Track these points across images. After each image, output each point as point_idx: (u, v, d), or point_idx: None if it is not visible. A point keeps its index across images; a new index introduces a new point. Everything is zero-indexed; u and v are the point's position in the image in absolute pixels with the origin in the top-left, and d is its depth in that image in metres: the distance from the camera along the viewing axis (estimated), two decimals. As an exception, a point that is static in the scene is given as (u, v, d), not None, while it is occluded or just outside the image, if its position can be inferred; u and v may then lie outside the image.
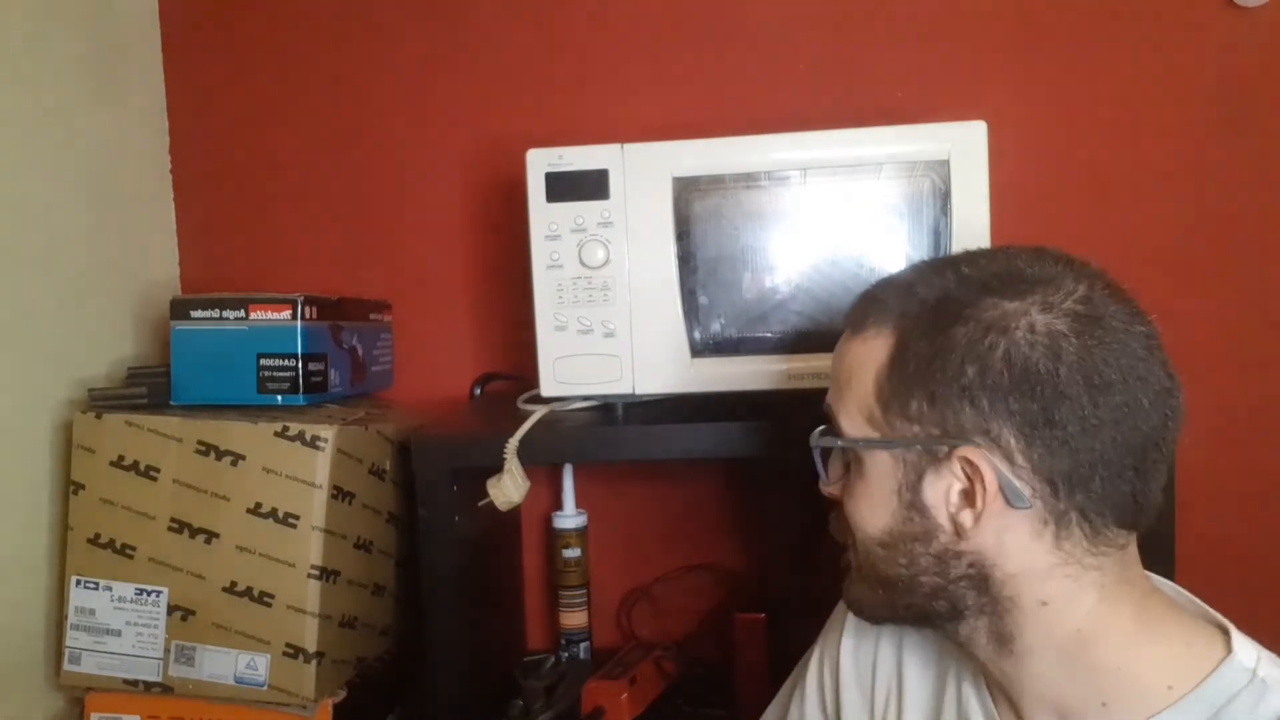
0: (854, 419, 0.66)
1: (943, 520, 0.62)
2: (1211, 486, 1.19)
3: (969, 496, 0.61)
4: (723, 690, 1.15)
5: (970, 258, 0.65)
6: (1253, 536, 1.23)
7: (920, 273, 0.66)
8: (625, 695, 1.08)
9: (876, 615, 0.70)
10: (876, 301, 0.66)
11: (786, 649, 0.99)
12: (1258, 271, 1.22)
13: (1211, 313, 1.22)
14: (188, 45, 1.35)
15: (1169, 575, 0.69)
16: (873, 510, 0.65)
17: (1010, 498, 0.59)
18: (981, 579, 0.62)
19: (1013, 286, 0.61)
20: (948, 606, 0.64)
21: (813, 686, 0.82)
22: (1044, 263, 0.62)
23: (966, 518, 0.61)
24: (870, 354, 0.65)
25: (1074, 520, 0.60)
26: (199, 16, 1.34)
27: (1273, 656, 0.61)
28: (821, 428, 0.70)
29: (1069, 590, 0.61)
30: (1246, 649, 0.61)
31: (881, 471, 0.64)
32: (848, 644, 0.79)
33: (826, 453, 0.70)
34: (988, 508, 0.60)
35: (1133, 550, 0.63)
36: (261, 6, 1.34)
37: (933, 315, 0.62)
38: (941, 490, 0.62)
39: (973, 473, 0.60)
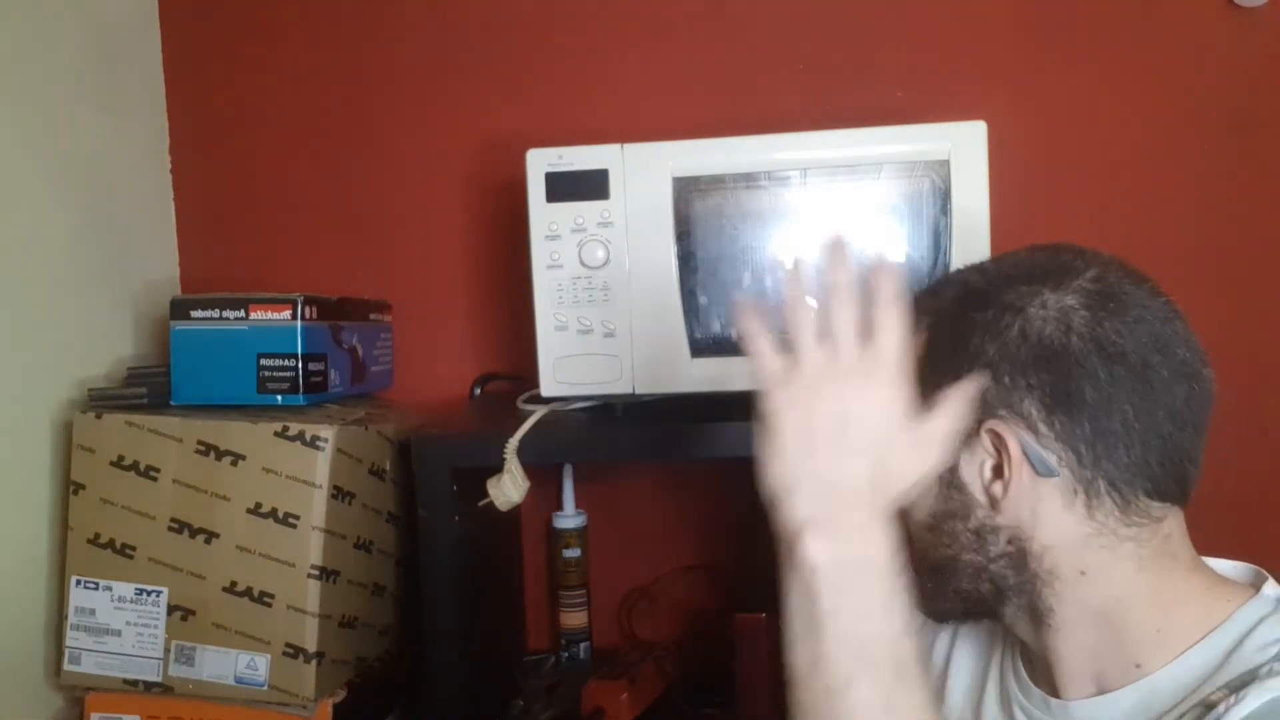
0: None
1: (978, 494, 0.65)
2: (1212, 487, 1.19)
3: (999, 469, 0.63)
4: (723, 690, 1.15)
5: (994, 259, 0.70)
6: (1252, 536, 1.23)
7: (948, 276, 0.72)
8: (625, 695, 1.08)
9: (933, 608, 0.71)
10: (914, 308, 0.69)
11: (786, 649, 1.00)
12: (1259, 271, 1.22)
13: (1213, 312, 1.20)
14: (188, 47, 1.35)
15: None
16: (921, 496, 0.67)
17: (1036, 466, 0.62)
18: (1020, 555, 0.64)
19: (1029, 275, 0.65)
20: (991, 588, 0.66)
21: None
22: (1061, 254, 0.66)
23: (998, 489, 0.63)
24: (914, 349, 0.67)
25: (1103, 489, 0.62)
26: (199, 19, 1.34)
27: None
28: None
29: (1105, 560, 0.63)
30: (1274, 587, 0.64)
31: None
32: None
33: None
34: (1015, 476, 0.62)
35: (1173, 525, 0.64)
36: (261, 8, 1.34)
37: (958, 306, 0.66)
38: (975, 466, 0.64)
39: (1000, 445, 0.63)
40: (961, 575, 0.67)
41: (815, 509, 0.58)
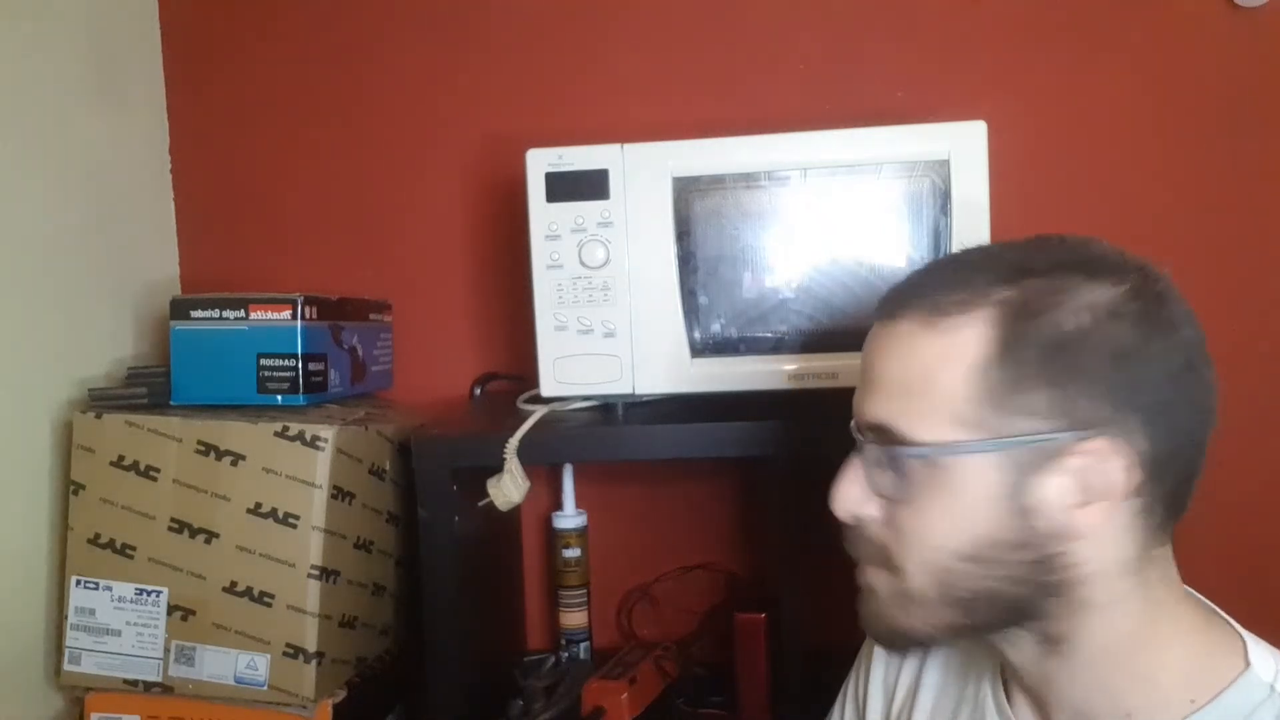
0: (933, 422, 0.59)
1: (1051, 522, 0.57)
2: (1212, 488, 1.19)
3: (1088, 492, 0.57)
4: (723, 690, 1.15)
5: (1043, 244, 0.63)
6: (1253, 536, 1.23)
7: (1000, 258, 0.62)
8: (625, 695, 1.08)
9: (919, 640, 0.65)
10: (948, 290, 0.60)
11: (786, 649, 1.00)
12: (1259, 271, 1.22)
13: (1212, 312, 1.20)
14: (188, 46, 1.35)
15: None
16: (956, 522, 0.59)
17: (1125, 490, 0.57)
18: (1067, 584, 0.58)
19: (1111, 271, 0.59)
20: (1013, 616, 0.60)
21: (850, 691, 0.84)
22: (1119, 252, 0.62)
23: (1090, 514, 0.57)
24: (955, 348, 0.58)
25: (1160, 513, 0.59)
26: (199, 18, 1.34)
27: None
28: (867, 437, 0.63)
29: (1131, 588, 0.59)
30: (1264, 661, 0.60)
31: (974, 477, 0.58)
32: (880, 649, 0.79)
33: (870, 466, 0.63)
34: (1106, 501, 0.57)
35: (1170, 549, 0.62)
36: (261, 8, 1.34)
37: (1041, 303, 0.58)
38: (1054, 488, 0.57)
39: (1098, 465, 0.56)
40: (992, 608, 0.60)
41: None
